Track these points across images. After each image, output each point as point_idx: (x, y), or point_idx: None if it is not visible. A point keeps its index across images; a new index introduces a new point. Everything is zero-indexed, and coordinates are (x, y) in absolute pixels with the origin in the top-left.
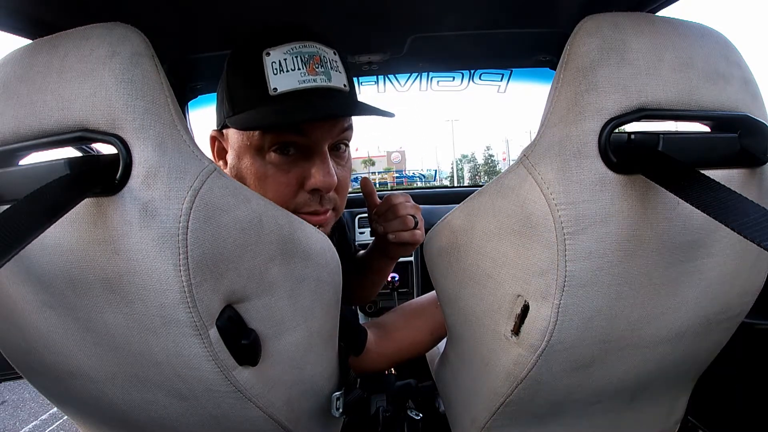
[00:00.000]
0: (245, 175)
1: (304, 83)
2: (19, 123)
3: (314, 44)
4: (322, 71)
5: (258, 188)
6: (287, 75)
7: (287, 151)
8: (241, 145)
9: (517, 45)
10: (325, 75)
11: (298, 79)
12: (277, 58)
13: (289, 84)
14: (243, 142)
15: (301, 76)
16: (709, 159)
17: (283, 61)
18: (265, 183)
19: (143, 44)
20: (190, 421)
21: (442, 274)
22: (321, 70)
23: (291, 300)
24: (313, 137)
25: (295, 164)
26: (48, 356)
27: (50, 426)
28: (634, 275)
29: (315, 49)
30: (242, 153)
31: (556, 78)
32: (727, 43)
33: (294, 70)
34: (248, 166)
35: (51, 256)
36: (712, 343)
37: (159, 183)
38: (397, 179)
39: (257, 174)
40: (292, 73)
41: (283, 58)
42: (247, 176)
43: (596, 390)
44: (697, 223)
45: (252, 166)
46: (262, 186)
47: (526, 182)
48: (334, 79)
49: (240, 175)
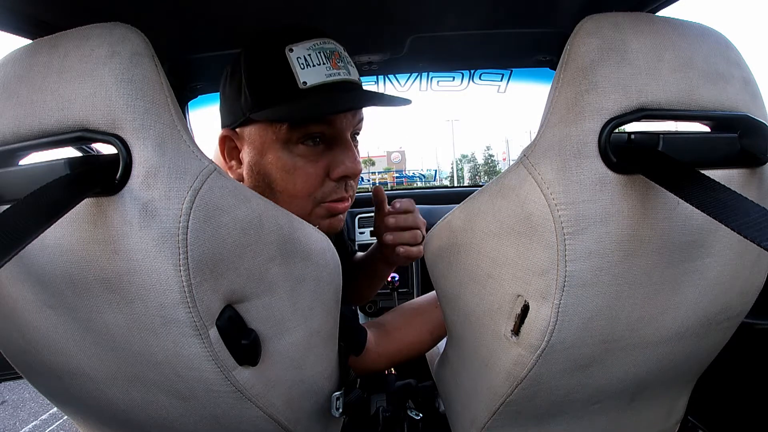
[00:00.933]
0: (269, 170)
1: (331, 77)
2: (19, 123)
3: (331, 41)
4: (342, 65)
5: (285, 181)
6: (314, 69)
7: (315, 143)
8: (266, 140)
9: (517, 45)
10: (345, 69)
11: (325, 73)
12: (302, 53)
13: (317, 77)
14: (268, 136)
15: (327, 70)
16: (709, 159)
17: (308, 56)
18: (294, 175)
19: (143, 44)
20: (190, 421)
21: (442, 274)
22: (341, 64)
23: (291, 300)
24: (338, 127)
25: (322, 154)
26: (48, 356)
27: (50, 426)
28: (634, 275)
29: (333, 46)
30: (267, 148)
31: (556, 78)
32: (727, 43)
33: (320, 64)
34: (274, 160)
35: (51, 256)
36: (712, 343)
37: (159, 183)
38: (397, 179)
39: (285, 167)
40: (318, 67)
41: (307, 53)
42: (272, 171)
43: (596, 390)
44: (697, 223)
45: (279, 159)
46: (290, 178)
47: (526, 182)
48: (352, 73)
49: (263, 171)
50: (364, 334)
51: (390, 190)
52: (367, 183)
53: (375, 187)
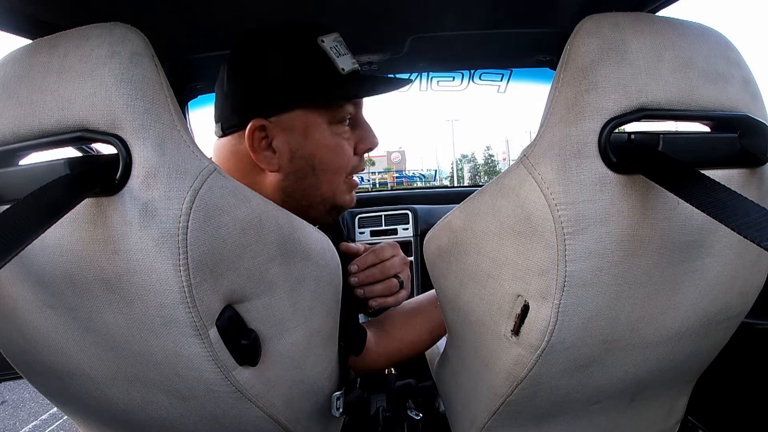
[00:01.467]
0: (315, 151)
1: (354, 65)
2: (19, 123)
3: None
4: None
5: (330, 160)
6: (344, 58)
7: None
8: (310, 123)
9: (517, 45)
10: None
11: (351, 62)
12: (330, 44)
13: (348, 65)
14: (313, 119)
15: (351, 59)
16: (709, 159)
17: (335, 47)
18: (338, 152)
19: (143, 44)
20: (190, 421)
21: (442, 274)
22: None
23: (291, 300)
24: (360, 109)
25: (352, 132)
26: (48, 356)
27: (50, 426)
28: (634, 275)
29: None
30: (312, 130)
31: (556, 78)
32: (727, 43)
33: (345, 54)
34: (320, 140)
35: (51, 256)
36: (712, 343)
37: (159, 183)
38: (397, 179)
39: (331, 146)
40: (345, 56)
41: (334, 44)
42: (317, 151)
43: (596, 390)
44: (697, 223)
45: (326, 139)
46: (334, 156)
47: (526, 182)
48: None
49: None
50: (364, 334)
51: (390, 190)
52: (367, 183)
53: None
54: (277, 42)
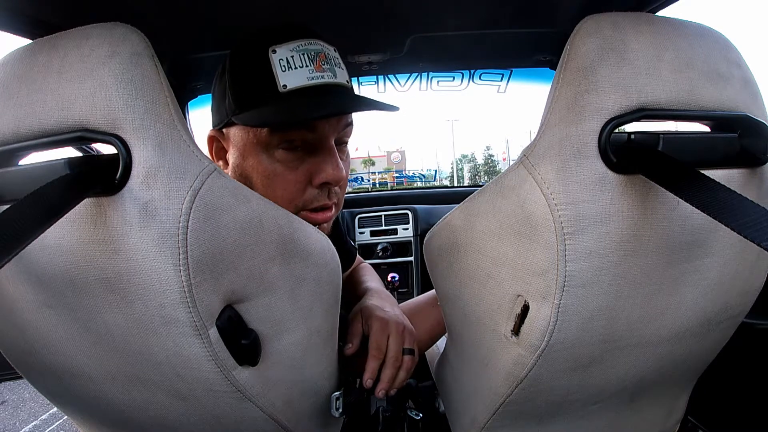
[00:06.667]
0: (250, 174)
1: (313, 80)
2: (19, 123)
3: (318, 42)
4: (327, 68)
5: (265, 186)
6: (295, 72)
7: (295, 148)
8: (247, 144)
9: (517, 45)
10: (331, 71)
11: (307, 76)
12: (284, 55)
13: (298, 81)
14: (249, 140)
15: (309, 73)
16: (709, 159)
17: (291, 58)
18: (274, 181)
19: (143, 44)
20: (190, 421)
21: (442, 274)
22: (327, 66)
23: (291, 300)
24: (320, 133)
25: (303, 160)
26: (48, 356)
27: (50, 426)
28: (633, 275)
29: (320, 47)
30: (247, 151)
31: (556, 78)
32: (727, 43)
33: (302, 67)
34: (254, 164)
35: (51, 256)
36: (712, 343)
37: (159, 183)
38: (397, 179)
39: (264, 172)
40: (300, 70)
41: (290, 55)
42: (252, 175)
43: (596, 390)
44: (697, 223)
45: (259, 164)
46: (270, 184)
47: (526, 182)
48: (338, 76)
49: (245, 174)
50: None
51: (390, 190)
52: (367, 183)
53: None
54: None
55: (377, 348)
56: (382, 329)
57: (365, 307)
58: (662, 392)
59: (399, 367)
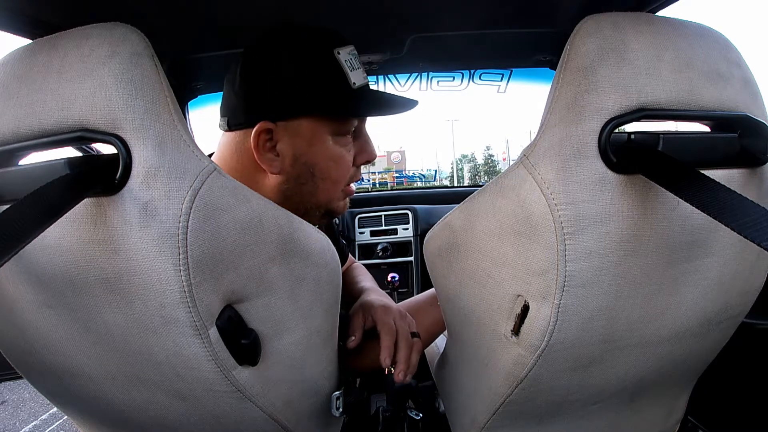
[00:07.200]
0: (317, 160)
1: (365, 80)
2: (19, 123)
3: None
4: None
5: (331, 169)
6: (356, 72)
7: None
8: (317, 132)
9: (516, 45)
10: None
11: (363, 76)
12: (345, 57)
13: (360, 80)
14: (320, 128)
15: (362, 74)
16: (709, 159)
17: (350, 60)
18: (340, 163)
19: (143, 44)
20: (190, 421)
21: (441, 273)
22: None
23: (291, 300)
24: (363, 122)
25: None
26: (48, 356)
27: (50, 426)
28: (634, 275)
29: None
30: (316, 139)
31: (556, 78)
32: (727, 43)
33: (357, 68)
34: (322, 150)
35: (51, 256)
36: (712, 343)
37: (159, 183)
38: (397, 179)
39: (333, 156)
40: (357, 71)
41: (349, 57)
42: (320, 160)
43: (596, 390)
44: (697, 223)
45: (327, 149)
46: (336, 166)
47: (526, 182)
48: None
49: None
50: None
51: (390, 190)
52: (367, 183)
53: None
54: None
55: (388, 328)
56: (387, 314)
57: (366, 302)
58: (662, 392)
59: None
